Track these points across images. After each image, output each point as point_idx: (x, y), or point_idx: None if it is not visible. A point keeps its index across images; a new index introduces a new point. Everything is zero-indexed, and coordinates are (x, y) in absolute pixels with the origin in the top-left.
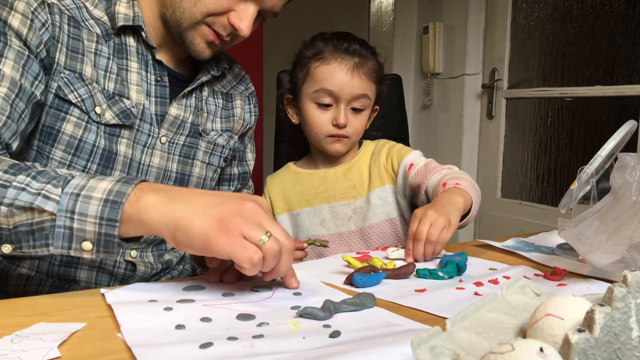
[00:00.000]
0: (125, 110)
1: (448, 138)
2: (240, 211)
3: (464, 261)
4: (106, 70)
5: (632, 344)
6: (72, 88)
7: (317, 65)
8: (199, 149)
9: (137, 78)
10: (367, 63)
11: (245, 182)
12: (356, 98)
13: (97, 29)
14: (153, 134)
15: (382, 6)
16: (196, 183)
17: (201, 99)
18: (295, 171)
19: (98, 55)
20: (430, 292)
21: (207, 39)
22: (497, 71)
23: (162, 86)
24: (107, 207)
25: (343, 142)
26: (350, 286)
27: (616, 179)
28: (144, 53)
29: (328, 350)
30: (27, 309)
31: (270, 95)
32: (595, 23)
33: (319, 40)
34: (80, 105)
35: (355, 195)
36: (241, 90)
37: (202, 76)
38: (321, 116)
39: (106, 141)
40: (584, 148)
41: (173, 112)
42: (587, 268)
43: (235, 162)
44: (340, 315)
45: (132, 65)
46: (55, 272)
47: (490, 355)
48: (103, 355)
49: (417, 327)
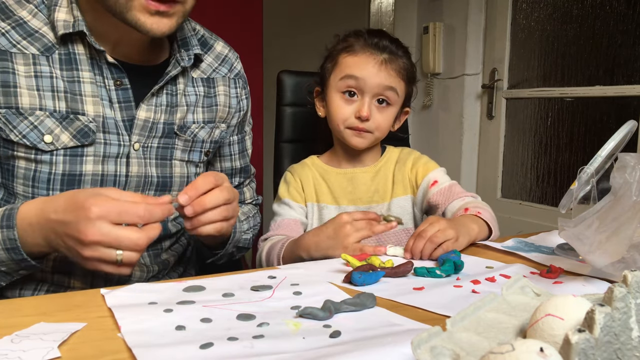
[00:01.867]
0: (82, 129)
1: (448, 138)
2: (82, 247)
3: (460, 259)
4: (53, 90)
5: (632, 344)
6: (10, 127)
7: (345, 56)
8: (176, 148)
9: (91, 88)
10: (396, 60)
11: (247, 174)
12: (382, 90)
13: (33, 48)
14: (124, 142)
15: (382, 6)
16: (179, 183)
17: (175, 94)
18: (323, 167)
19: (39, 78)
20: (428, 290)
21: (149, 11)
22: (497, 71)
23: (123, 89)
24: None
25: (364, 137)
26: (349, 284)
27: (616, 179)
28: (96, 58)
29: (328, 350)
30: (27, 309)
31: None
32: (595, 23)
33: (351, 36)
34: (24, 142)
35: (378, 200)
36: (224, 73)
37: (171, 69)
38: (345, 107)
39: (66, 165)
40: (584, 148)
41: (142, 115)
42: (587, 268)
43: (237, 155)
44: (341, 315)
45: (84, 75)
46: (49, 279)
47: (490, 355)
48: (103, 355)
49: (417, 327)
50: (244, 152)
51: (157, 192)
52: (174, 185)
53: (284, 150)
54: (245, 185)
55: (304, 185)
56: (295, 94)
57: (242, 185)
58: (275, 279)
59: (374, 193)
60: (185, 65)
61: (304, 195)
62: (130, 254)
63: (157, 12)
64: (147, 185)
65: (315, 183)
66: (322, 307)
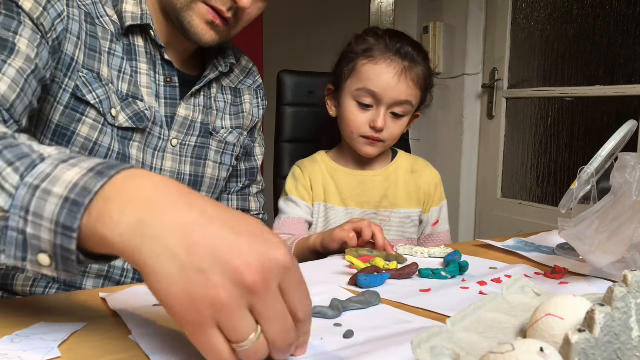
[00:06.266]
0: (139, 113)
1: (448, 138)
2: (234, 285)
3: (462, 260)
4: (120, 71)
5: (632, 344)
6: (90, 88)
7: (364, 63)
8: (211, 148)
9: (147, 80)
10: (416, 68)
11: (253, 177)
12: (398, 104)
13: (112, 27)
14: (163, 137)
15: (382, 6)
16: (209, 184)
17: (210, 97)
18: (332, 165)
19: (112, 55)
20: (435, 291)
21: (206, 19)
22: (498, 71)
23: (171, 87)
24: (66, 208)
25: (376, 146)
26: (354, 287)
27: (616, 178)
28: (152, 53)
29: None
30: (27, 309)
31: (270, 95)
32: (595, 23)
33: (371, 36)
34: (98, 107)
35: (386, 205)
36: (249, 85)
37: (210, 73)
38: (360, 115)
39: (119, 144)
40: (584, 148)
41: (182, 113)
42: (587, 268)
43: (243, 157)
44: (349, 313)
45: (142, 67)
46: (62, 279)
47: (491, 355)
48: (103, 355)
49: (429, 325)
50: (250, 157)
51: None
52: (204, 185)
53: (284, 150)
54: (251, 195)
55: (313, 184)
56: (296, 94)
57: (247, 189)
58: None
59: (383, 198)
60: (222, 71)
61: (312, 194)
62: (255, 353)
63: (211, 23)
64: None
65: (324, 182)
66: (330, 305)
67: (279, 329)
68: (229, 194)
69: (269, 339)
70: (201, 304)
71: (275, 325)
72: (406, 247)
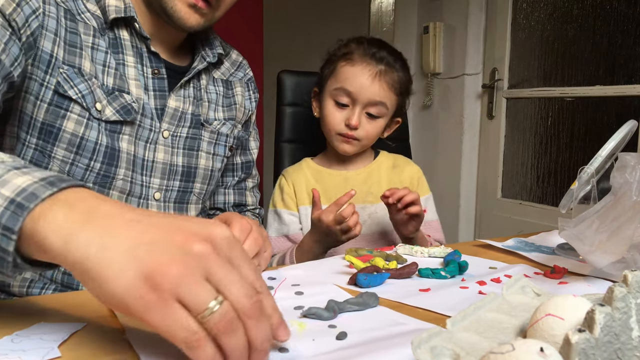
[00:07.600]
0: (125, 105)
1: (448, 138)
2: (185, 254)
3: (462, 259)
4: (104, 65)
5: (632, 344)
6: (72, 84)
7: (343, 65)
8: (203, 139)
9: (134, 73)
10: (392, 73)
11: (249, 171)
12: (372, 104)
13: (94, 22)
14: (154, 128)
15: (382, 6)
16: (203, 175)
17: (200, 88)
18: (316, 168)
19: (95, 50)
20: (434, 291)
21: (188, 2)
22: (498, 71)
23: (159, 79)
24: (10, 210)
25: (352, 144)
26: (354, 286)
27: (616, 178)
28: (138, 46)
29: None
30: (27, 309)
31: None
32: (595, 23)
33: (353, 42)
34: (81, 101)
35: (372, 200)
36: (240, 77)
37: (198, 64)
38: (336, 114)
39: (108, 138)
40: (584, 148)
41: (172, 104)
42: (587, 268)
43: (238, 151)
44: (345, 315)
45: (129, 60)
46: (60, 279)
47: (491, 355)
48: (103, 355)
49: (423, 327)
50: (246, 151)
51: (182, 181)
52: (198, 176)
53: (284, 150)
54: (247, 189)
55: (296, 190)
56: (296, 94)
57: (242, 183)
58: (276, 280)
59: (367, 194)
60: (210, 61)
61: (296, 200)
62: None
63: (194, 7)
64: (172, 175)
65: (308, 186)
66: (326, 307)
67: (241, 293)
68: (225, 188)
69: (234, 304)
70: (157, 277)
71: (234, 288)
72: (406, 246)
